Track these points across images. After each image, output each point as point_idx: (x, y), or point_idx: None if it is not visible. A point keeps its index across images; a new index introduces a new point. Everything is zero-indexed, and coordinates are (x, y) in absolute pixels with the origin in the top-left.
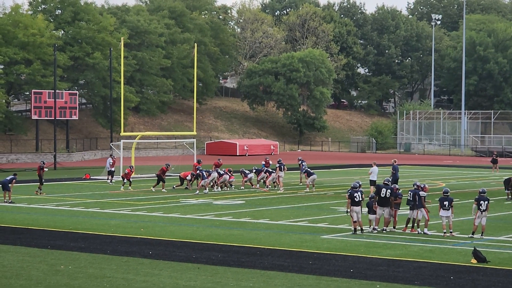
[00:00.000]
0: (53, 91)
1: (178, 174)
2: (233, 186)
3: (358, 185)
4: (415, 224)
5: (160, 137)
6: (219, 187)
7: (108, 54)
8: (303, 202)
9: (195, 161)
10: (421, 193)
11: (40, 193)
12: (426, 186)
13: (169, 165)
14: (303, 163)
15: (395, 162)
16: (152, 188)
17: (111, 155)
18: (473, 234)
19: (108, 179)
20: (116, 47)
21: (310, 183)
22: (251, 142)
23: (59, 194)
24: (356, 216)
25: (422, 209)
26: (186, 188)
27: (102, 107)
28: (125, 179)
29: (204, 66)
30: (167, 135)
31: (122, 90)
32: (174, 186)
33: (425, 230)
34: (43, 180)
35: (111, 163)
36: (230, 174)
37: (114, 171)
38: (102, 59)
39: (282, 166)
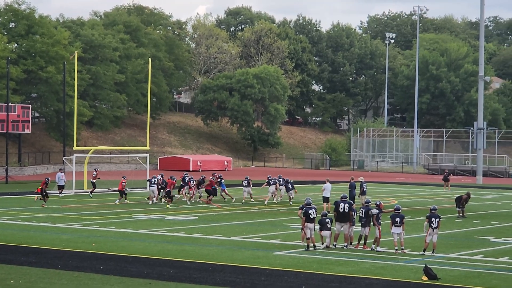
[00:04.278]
0: (5, 104)
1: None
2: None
3: (311, 201)
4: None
5: (113, 151)
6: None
7: (61, 68)
8: (256, 219)
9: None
10: (373, 210)
11: None
12: (382, 203)
13: (125, 178)
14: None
15: (353, 179)
16: (127, 201)
17: (60, 169)
18: (424, 251)
19: (59, 193)
20: (69, 61)
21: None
22: (204, 157)
23: (10, 208)
24: (309, 233)
25: (369, 226)
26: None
27: (55, 121)
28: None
29: (158, 81)
30: (120, 150)
31: (76, 104)
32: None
33: (377, 247)
34: None
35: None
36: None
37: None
38: (56, 73)
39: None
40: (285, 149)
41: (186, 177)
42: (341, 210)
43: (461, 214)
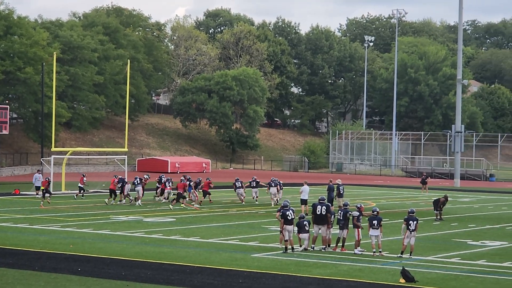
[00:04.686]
0: None
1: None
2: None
3: (288, 203)
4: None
5: (91, 153)
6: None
7: (40, 69)
8: (234, 221)
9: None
10: (353, 213)
11: None
12: (362, 206)
13: (117, 177)
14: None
15: (331, 182)
16: (106, 201)
17: (38, 171)
18: (402, 253)
19: (36, 194)
20: (48, 62)
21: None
22: (183, 159)
23: None
24: (288, 235)
25: (347, 229)
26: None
27: (33, 122)
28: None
29: (137, 82)
30: (99, 151)
31: (54, 105)
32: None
33: (355, 249)
34: None
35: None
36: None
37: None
38: (34, 74)
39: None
40: (264, 151)
41: (162, 178)
42: (318, 213)
43: (438, 217)
